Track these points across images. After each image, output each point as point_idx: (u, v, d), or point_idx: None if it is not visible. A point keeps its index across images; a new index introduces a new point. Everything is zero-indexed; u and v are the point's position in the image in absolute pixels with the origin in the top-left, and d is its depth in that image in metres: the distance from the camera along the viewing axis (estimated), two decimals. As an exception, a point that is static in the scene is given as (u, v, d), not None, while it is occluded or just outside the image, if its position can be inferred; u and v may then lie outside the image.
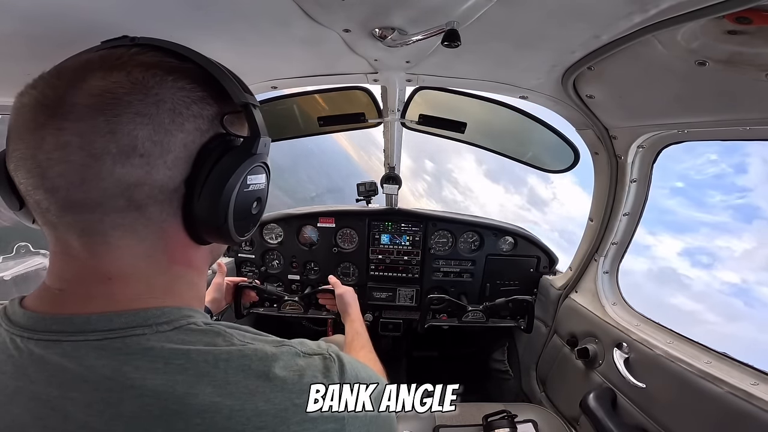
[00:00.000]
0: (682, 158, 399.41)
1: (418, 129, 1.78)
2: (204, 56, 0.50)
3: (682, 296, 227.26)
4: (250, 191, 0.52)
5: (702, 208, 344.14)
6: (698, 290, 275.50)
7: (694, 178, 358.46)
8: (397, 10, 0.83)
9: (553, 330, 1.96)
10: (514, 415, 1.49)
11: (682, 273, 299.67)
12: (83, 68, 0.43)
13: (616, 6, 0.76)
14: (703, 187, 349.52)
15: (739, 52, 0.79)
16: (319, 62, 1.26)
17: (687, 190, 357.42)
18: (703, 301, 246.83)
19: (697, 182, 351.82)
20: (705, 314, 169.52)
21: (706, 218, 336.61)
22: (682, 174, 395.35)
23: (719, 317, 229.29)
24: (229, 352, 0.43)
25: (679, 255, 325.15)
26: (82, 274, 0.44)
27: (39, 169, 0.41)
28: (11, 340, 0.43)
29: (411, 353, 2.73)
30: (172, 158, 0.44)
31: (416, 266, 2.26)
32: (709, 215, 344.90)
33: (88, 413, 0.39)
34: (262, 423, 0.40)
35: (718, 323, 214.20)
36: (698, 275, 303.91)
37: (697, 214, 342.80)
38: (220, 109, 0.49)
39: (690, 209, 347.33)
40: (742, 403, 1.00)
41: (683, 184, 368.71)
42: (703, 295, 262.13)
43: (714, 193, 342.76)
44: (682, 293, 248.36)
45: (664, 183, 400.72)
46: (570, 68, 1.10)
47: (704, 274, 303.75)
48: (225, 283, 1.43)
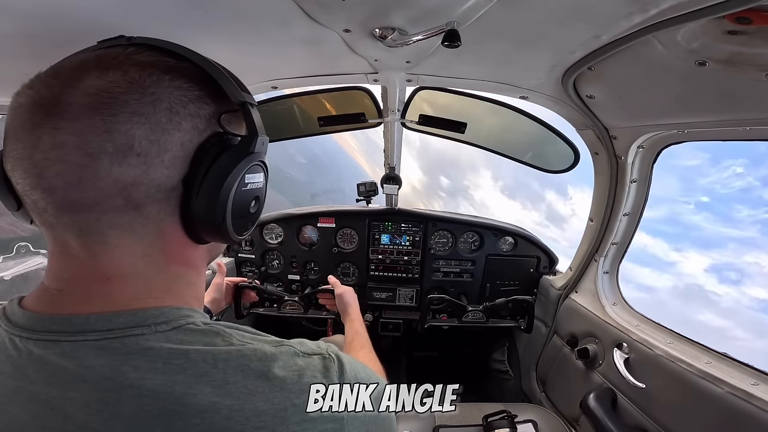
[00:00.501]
0: (708, 171, 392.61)
1: (418, 129, 1.78)
2: (201, 55, 0.50)
3: (710, 313, 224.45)
4: (248, 190, 0.52)
5: (729, 223, 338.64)
6: (726, 307, 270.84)
7: (719, 192, 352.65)
8: (397, 11, 0.83)
9: (553, 330, 1.95)
10: (514, 416, 1.49)
11: (709, 289, 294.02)
12: (79, 68, 0.43)
13: (616, 6, 0.76)
14: (729, 202, 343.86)
15: (739, 52, 0.79)
16: (319, 62, 1.26)
17: (713, 204, 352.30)
18: (732, 317, 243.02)
19: (723, 196, 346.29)
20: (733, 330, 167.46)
21: (733, 233, 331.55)
22: (707, 188, 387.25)
23: (748, 333, 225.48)
24: (228, 352, 0.43)
25: (706, 271, 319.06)
26: (81, 274, 0.44)
27: (36, 169, 0.41)
28: (10, 340, 0.43)
29: (411, 353, 2.73)
30: (169, 157, 0.44)
31: (416, 266, 2.26)
32: (737, 230, 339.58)
33: (87, 413, 0.39)
34: (261, 423, 0.40)
35: (747, 339, 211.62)
36: (726, 291, 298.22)
37: (724, 230, 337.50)
38: (218, 107, 0.49)
39: (716, 224, 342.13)
40: (742, 403, 1.00)
41: (709, 199, 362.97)
42: (731, 311, 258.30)
43: (741, 207, 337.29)
44: (709, 310, 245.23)
45: (689, 198, 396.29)
46: (570, 68, 1.10)
47: (732, 290, 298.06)
48: (225, 283, 1.43)
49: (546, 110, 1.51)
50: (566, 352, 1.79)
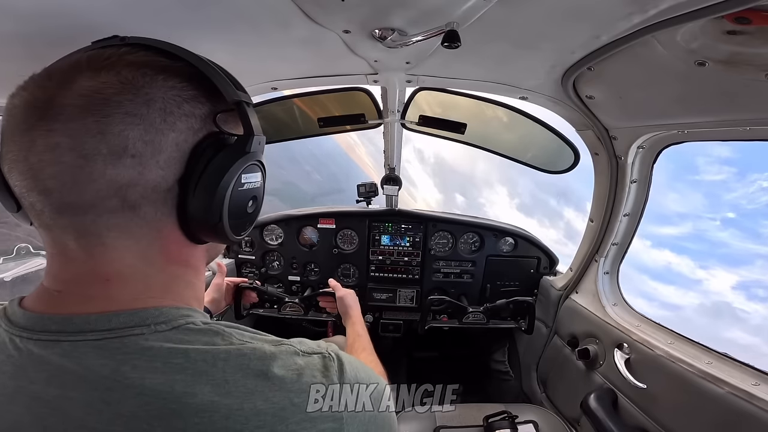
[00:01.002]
0: (734, 186, 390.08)
1: (418, 130, 1.78)
2: (195, 54, 0.49)
3: (738, 330, 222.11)
4: (245, 190, 0.52)
5: (757, 240, 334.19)
6: (755, 324, 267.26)
7: (746, 208, 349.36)
8: (397, 11, 0.83)
9: (553, 331, 1.95)
10: (514, 416, 1.48)
11: (737, 307, 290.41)
12: (72, 69, 0.43)
13: (616, 6, 0.76)
14: (756, 217, 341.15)
15: (739, 52, 0.79)
16: (319, 63, 1.26)
17: (739, 220, 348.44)
18: (761, 334, 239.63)
19: (749, 212, 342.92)
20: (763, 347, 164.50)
21: (761, 249, 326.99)
22: (733, 204, 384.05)
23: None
24: (227, 351, 0.43)
25: (734, 289, 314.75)
26: (80, 276, 0.44)
27: (31, 172, 0.41)
28: (11, 340, 0.43)
29: (411, 354, 2.73)
30: (164, 158, 0.44)
31: (416, 267, 2.25)
32: (765, 246, 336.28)
33: (88, 412, 0.39)
34: (260, 422, 0.40)
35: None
36: (755, 309, 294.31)
37: (752, 246, 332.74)
38: (213, 107, 0.49)
39: (744, 241, 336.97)
40: (743, 403, 1.00)
41: (735, 215, 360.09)
42: (760, 328, 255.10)
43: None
44: (737, 327, 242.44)
45: (714, 214, 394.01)
46: (570, 69, 1.10)
47: (761, 307, 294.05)
48: (225, 283, 1.43)
49: (546, 111, 1.51)
50: (567, 352, 1.79)
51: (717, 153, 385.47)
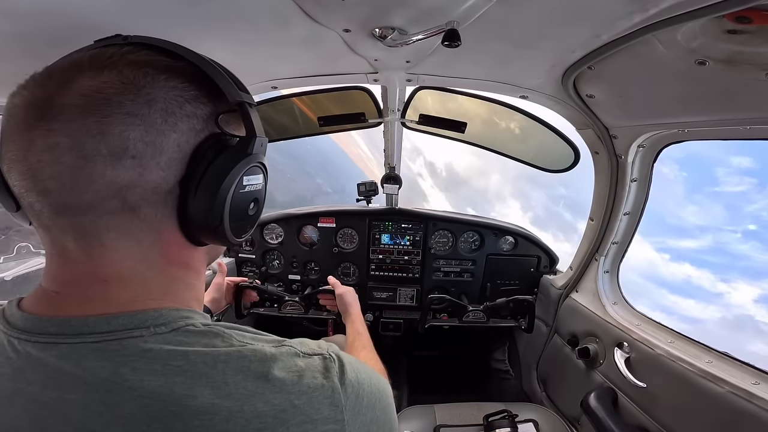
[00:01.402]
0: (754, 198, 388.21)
1: (418, 129, 1.78)
2: (198, 54, 0.49)
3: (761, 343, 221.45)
4: (246, 192, 0.51)
5: None
6: None
7: None
8: (397, 10, 0.82)
9: (553, 330, 1.95)
10: (514, 415, 1.49)
11: (759, 320, 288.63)
12: (73, 68, 0.43)
13: (616, 6, 0.76)
14: None
15: (739, 51, 0.79)
16: (319, 62, 1.25)
17: (761, 232, 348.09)
18: None
19: None
20: None
21: None
22: (754, 215, 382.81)
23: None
24: (227, 353, 0.42)
25: (756, 302, 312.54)
26: (79, 277, 0.44)
27: (30, 172, 0.41)
28: (9, 342, 0.43)
29: (412, 353, 2.73)
30: (165, 159, 0.44)
31: (417, 266, 2.26)
32: None
33: (87, 415, 0.38)
34: (261, 424, 0.40)
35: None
36: None
37: None
38: (215, 108, 0.48)
39: (766, 253, 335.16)
40: (743, 402, 1.00)
41: (756, 227, 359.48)
42: None
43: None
44: (760, 340, 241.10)
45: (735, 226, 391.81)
46: (570, 68, 1.10)
47: None
48: (225, 283, 1.43)
49: (546, 110, 1.51)
50: (567, 351, 1.79)
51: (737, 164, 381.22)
